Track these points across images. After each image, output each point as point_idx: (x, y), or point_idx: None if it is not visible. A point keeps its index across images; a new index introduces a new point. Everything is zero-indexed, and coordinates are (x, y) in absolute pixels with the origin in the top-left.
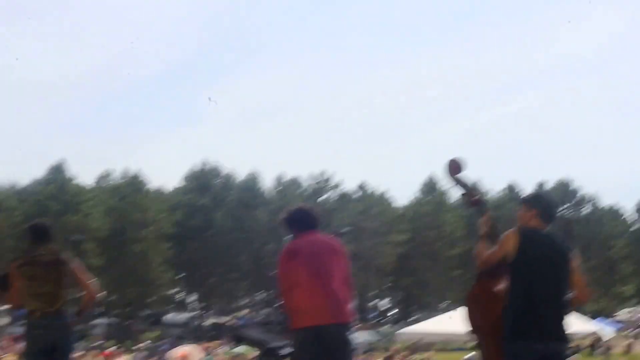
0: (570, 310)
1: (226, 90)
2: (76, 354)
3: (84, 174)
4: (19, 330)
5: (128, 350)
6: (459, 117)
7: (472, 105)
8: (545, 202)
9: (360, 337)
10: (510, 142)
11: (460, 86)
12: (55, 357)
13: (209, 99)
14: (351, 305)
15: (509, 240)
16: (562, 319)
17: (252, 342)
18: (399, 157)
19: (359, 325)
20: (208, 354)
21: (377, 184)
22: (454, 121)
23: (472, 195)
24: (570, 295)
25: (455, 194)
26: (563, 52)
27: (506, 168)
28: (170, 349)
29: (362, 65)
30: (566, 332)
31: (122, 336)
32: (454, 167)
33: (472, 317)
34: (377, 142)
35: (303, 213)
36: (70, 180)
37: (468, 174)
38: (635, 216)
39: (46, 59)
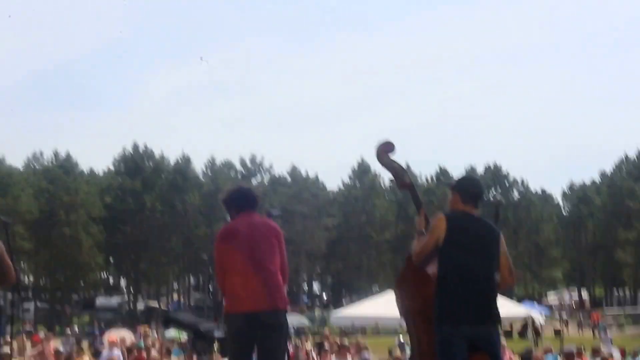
0: (498, 293)
1: (157, 73)
2: (5, 339)
3: (14, 156)
4: None
5: (58, 335)
6: (390, 102)
7: (403, 91)
8: (465, 185)
9: (291, 321)
10: (440, 128)
11: (393, 72)
12: None
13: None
14: (285, 290)
15: (438, 226)
16: (491, 301)
17: (182, 326)
18: (330, 142)
19: (290, 309)
20: (141, 339)
21: (308, 168)
22: (385, 106)
23: (402, 178)
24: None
25: (386, 178)
26: (493, 40)
27: (436, 153)
28: (101, 334)
29: (294, 50)
30: (495, 316)
31: (53, 321)
32: (384, 150)
33: (402, 301)
34: (308, 126)
35: (241, 192)
36: None
37: (398, 158)
38: (563, 202)
39: None
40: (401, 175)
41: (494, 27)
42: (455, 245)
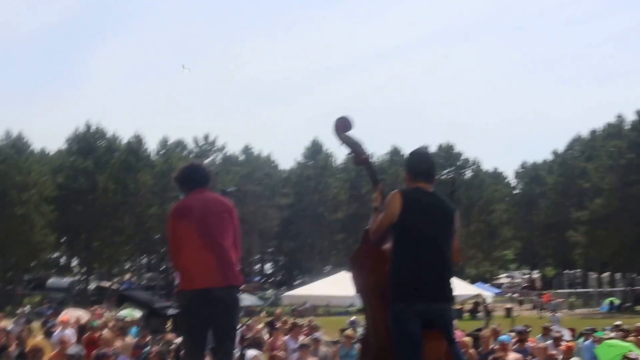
0: (453, 271)
1: (110, 50)
2: None
3: None
4: None
5: (9, 315)
6: (344, 82)
7: (357, 70)
8: (412, 161)
9: (243, 300)
10: (394, 107)
11: (346, 51)
12: None
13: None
14: (239, 267)
15: (392, 202)
16: (445, 279)
17: (137, 303)
18: (284, 121)
19: (243, 288)
20: (100, 318)
21: (262, 147)
22: (339, 86)
23: (359, 154)
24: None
25: (339, 157)
26: (450, 19)
27: (390, 132)
28: (53, 314)
29: (248, 29)
30: (450, 293)
31: (3, 301)
32: (342, 125)
33: (358, 277)
34: (262, 106)
35: (193, 169)
36: None
37: (355, 134)
38: (516, 181)
39: None
40: (358, 151)
41: (450, 5)
42: (410, 221)
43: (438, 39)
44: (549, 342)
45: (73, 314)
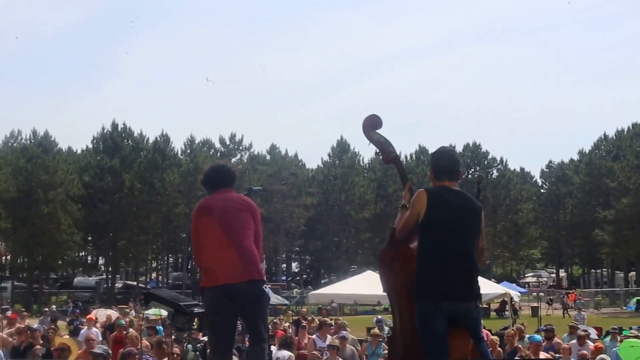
0: (479, 268)
1: (136, 50)
2: None
3: None
4: None
5: (35, 314)
6: (370, 81)
7: (383, 69)
8: (435, 160)
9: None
10: (421, 106)
11: (372, 50)
12: None
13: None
14: (262, 264)
15: (418, 200)
16: (471, 277)
17: (163, 301)
18: (310, 120)
19: (269, 286)
20: (129, 317)
21: (288, 146)
22: (365, 85)
23: (389, 153)
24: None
25: (366, 156)
26: (475, 18)
27: (417, 131)
28: (80, 313)
29: (274, 29)
30: (476, 291)
31: (30, 299)
32: (371, 124)
33: (386, 276)
34: (288, 105)
35: (217, 170)
36: None
37: (383, 133)
38: (542, 180)
39: None
40: (387, 149)
41: (477, 4)
42: (435, 219)
43: (465, 37)
44: (574, 341)
45: (102, 313)
